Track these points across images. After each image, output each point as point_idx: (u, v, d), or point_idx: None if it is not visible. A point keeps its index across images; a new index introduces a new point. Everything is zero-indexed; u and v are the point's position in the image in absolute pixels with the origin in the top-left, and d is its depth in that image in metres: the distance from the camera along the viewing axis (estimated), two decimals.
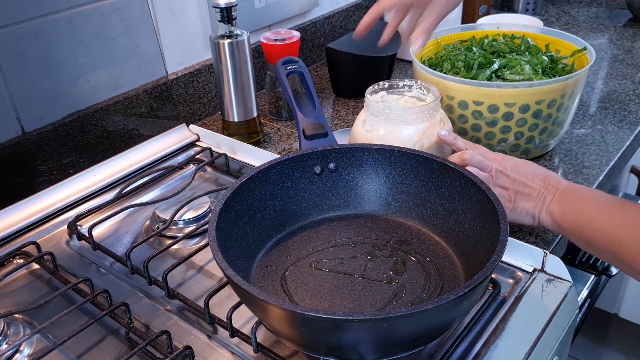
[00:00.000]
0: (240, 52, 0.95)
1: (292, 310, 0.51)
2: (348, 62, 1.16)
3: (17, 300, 0.71)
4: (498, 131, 0.88)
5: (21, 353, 0.63)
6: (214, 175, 0.95)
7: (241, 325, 0.65)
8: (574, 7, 1.68)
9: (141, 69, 0.97)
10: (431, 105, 0.80)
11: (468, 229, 0.68)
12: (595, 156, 0.95)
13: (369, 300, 0.63)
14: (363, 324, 0.49)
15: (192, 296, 0.69)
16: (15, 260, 0.77)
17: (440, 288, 0.65)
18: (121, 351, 0.63)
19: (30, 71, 0.83)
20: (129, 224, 0.84)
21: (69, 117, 0.89)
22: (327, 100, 1.21)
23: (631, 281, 1.49)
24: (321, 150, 0.74)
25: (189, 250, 0.75)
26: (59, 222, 0.84)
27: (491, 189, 0.65)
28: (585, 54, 0.94)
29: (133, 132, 0.98)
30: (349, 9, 1.43)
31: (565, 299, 0.67)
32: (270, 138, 1.06)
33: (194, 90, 1.11)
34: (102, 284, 0.72)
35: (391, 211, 0.76)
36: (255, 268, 0.69)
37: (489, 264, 0.54)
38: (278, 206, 0.73)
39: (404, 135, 0.79)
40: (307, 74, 0.89)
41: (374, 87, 0.86)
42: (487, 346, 0.61)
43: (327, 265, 0.69)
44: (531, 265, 0.71)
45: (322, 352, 0.56)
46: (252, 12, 1.17)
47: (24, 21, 0.81)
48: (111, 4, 0.90)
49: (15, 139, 0.83)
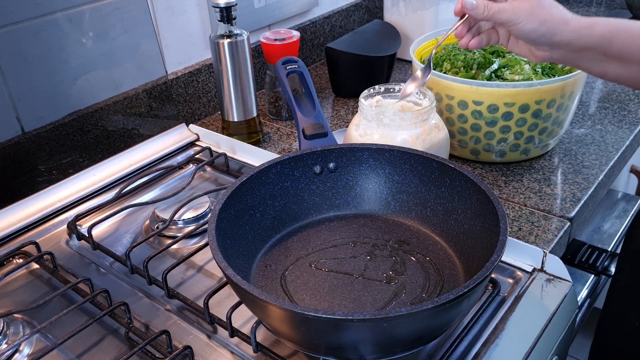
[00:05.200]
0: (240, 52, 0.95)
1: (291, 310, 0.51)
2: (348, 62, 1.16)
3: (17, 300, 0.71)
4: (498, 131, 0.88)
5: (21, 353, 0.63)
6: (213, 174, 0.95)
7: (241, 325, 0.65)
8: (574, 7, 1.68)
9: (141, 69, 0.97)
10: (426, 110, 0.80)
11: (468, 228, 0.68)
12: (594, 156, 0.96)
13: (368, 300, 0.63)
14: (363, 323, 0.49)
15: (191, 296, 0.69)
16: (15, 260, 0.77)
17: (440, 288, 0.65)
18: (121, 351, 0.63)
19: (30, 71, 0.83)
20: (129, 223, 0.84)
21: (69, 116, 0.89)
22: (326, 100, 1.21)
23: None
24: (321, 150, 0.74)
25: (189, 250, 0.75)
26: (59, 222, 0.84)
27: (491, 190, 0.65)
28: None
29: (133, 131, 0.98)
30: (348, 9, 1.43)
31: (565, 298, 0.67)
32: (270, 138, 1.06)
33: (194, 90, 1.11)
34: (101, 283, 0.72)
35: (391, 211, 0.76)
36: (255, 268, 0.69)
37: (488, 263, 0.54)
38: (278, 206, 0.73)
39: (397, 140, 0.79)
40: (306, 73, 0.89)
41: (369, 91, 0.85)
42: (487, 346, 0.61)
43: (326, 265, 0.69)
44: (531, 265, 0.71)
45: (322, 352, 0.56)
46: (252, 11, 1.17)
47: (23, 21, 0.81)
48: (111, 4, 0.90)
49: (15, 138, 0.83)
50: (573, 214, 0.82)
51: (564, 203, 0.84)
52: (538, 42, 0.69)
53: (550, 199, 0.85)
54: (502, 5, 0.69)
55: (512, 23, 0.68)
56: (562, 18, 0.67)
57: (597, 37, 0.66)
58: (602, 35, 0.65)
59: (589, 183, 0.89)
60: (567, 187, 0.88)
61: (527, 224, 0.81)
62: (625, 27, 0.65)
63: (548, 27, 0.67)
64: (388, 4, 1.32)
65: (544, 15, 0.67)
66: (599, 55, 0.66)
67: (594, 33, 0.66)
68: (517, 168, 0.93)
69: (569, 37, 0.67)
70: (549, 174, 0.91)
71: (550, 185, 0.89)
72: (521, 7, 0.68)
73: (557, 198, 0.86)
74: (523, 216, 0.82)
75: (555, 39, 0.67)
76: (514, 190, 0.88)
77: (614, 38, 0.64)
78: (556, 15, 0.67)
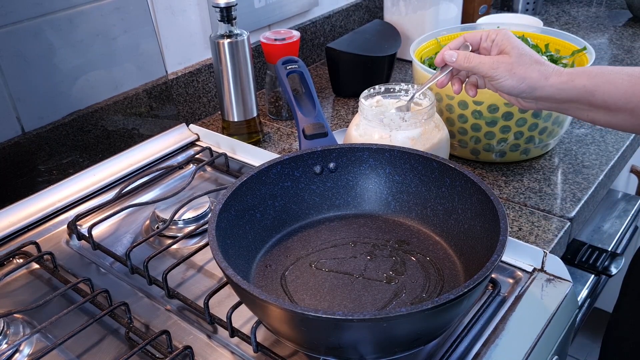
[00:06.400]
0: (240, 52, 0.95)
1: (291, 310, 0.51)
2: (348, 62, 1.16)
3: (17, 300, 0.71)
4: (498, 131, 0.88)
5: (21, 353, 0.63)
6: (213, 174, 0.95)
7: (241, 325, 0.65)
8: (574, 7, 1.68)
9: (141, 69, 0.97)
10: (426, 110, 0.80)
11: (468, 228, 0.68)
12: (595, 156, 0.96)
13: (368, 300, 0.63)
14: (363, 323, 0.49)
15: (192, 296, 0.69)
16: (15, 260, 0.77)
17: (440, 288, 0.65)
18: (121, 351, 0.63)
19: (30, 71, 0.83)
20: (129, 223, 0.84)
21: (69, 116, 0.89)
22: (327, 100, 1.21)
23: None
24: (321, 149, 0.74)
25: (189, 250, 0.75)
26: (59, 222, 0.84)
27: (491, 190, 0.65)
28: (585, 54, 0.94)
29: (133, 131, 0.98)
30: (348, 9, 1.43)
31: (565, 298, 0.67)
32: (270, 138, 1.06)
33: (194, 90, 1.11)
34: (102, 283, 0.72)
35: (391, 211, 0.76)
36: (255, 268, 0.69)
37: (488, 263, 0.54)
38: (278, 206, 0.73)
39: (397, 140, 0.79)
40: (307, 73, 0.89)
41: (369, 91, 0.85)
42: (487, 346, 0.61)
43: (327, 265, 0.69)
44: (531, 265, 0.71)
45: (322, 351, 0.56)
46: (252, 11, 1.17)
47: (23, 21, 0.81)
48: (111, 4, 0.90)
49: (15, 138, 0.83)
50: (573, 214, 0.82)
51: (564, 203, 0.84)
52: (520, 97, 0.70)
53: (550, 199, 0.85)
54: (484, 58, 0.70)
55: (491, 79, 0.69)
56: (541, 74, 0.67)
57: (579, 89, 0.66)
58: (583, 88, 0.65)
59: (589, 183, 0.89)
60: (567, 187, 0.88)
61: (527, 224, 0.81)
62: (606, 78, 0.65)
63: (528, 83, 0.67)
64: (388, 4, 1.32)
65: (522, 72, 0.67)
66: (585, 106, 0.67)
67: (575, 86, 0.66)
68: (517, 168, 0.93)
69: (550, 92, 0.67)
70: (549, 174, 0.91)
71: (551, 185, 0.89)
72: (501, 62, 0.68)
73: (557, 198, 0.86)
74: (523, 216, 0.82)
75: (537, 93, 0.68)
76: (514, 190, 0.88)
77: (595, 90, 0.65)
78: (536, 72, 0.67)
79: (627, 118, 0.65)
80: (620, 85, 0.64)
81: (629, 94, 0.63)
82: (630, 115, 0.64)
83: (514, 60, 0.68)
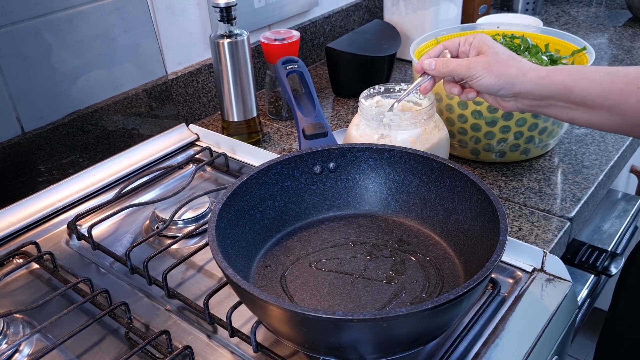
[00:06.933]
0: (240, 52, 0.95)
1: (291, 310, 0.51)
2: (348, 62, 1.16)
3: (17, 300, 0.71)
4: (498, 131, 0.88)
5: (21, 353, 0.63)
6: (213, 174, 0.95)
7: (241, 325, 0.65)
8: (574, 7, 1.68)
9: (141, 69, 0.97)
10: (426, 110, 0.80)
11: (468, 228, 0.68)
12: (595, 156, 0.96)
13: (368, 300, 0.63)
14: (363, 323, 0.49)
15: (191, 296, 0.69)
16: (15, 260, 0.77)
17: (440, 288, 0.65)
18: (121, 351, 0.63)
19: (30, 71, 0.83)
20: (129, 223, 0.84)
21: (69, 116, 0.89)
22: (326, 100, 1.21)
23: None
24: (321, 150, 0.74)
25: (189, 250, 0.75)
26: (59, 222, 0.84)
27: (491, 190, 0.65)
28: (585, 54, 0.94)
29: (133, 131, 0.98)
30: (348, 9, 1.43)
31: (565, 298, 0.67)
32: (270, 138, 1.06)
33: (194, 90, 1.11)
34: (101, 283, 0.72)
35: (391, 211, 0.76)
36: (255, 268, 0.69)
37: (488, 263, 0.54)
38: (278, 206, 0.73)
39: (397, 140, 0.79)
40: (306, 73, 0.89)
41: (369, 91, 0.85)
42: (487, 346, 0.61)
43: (326, 265, 0.69)
44: (531, 265, 0.71)
45: (322, 351, 0.56)
46: (252, 11, 1.17)
47: (23, 21, 0.81)
48: (111, 4, 0.90)
49: (15, 138, 0.83)
50: (573, 214, 0.82)
51: (564, 203, 0.84)
52: (499, 94, 0.70)
53: (550, 199, 0.85)
54: (461, 61, 0.71)
55: (470, 78, 0.70)
56: (519, 70, 0.68)
57: (557, 84, 0.66)
58: (562, 83, 0.66)
59: (589, 183, 0.89)
60: (567, 187, 0.88)
61: (527, 223, 0.81)
62: (585, 75, 0.65)
63: (506, 79, 0.68)
64: (388, 4, 1.32)
65: (499, 69, 0.68)
66: (563, 103, 0.67)
67: (553, 81, 0.66)
68: (517, 168, 0.93)
69: (529, 87, 0.67)
70: (549, 174, 0.92)
71: (550, 185, 0.89)
72: (478, 62, 0.69)
73: (557, 198, 0.86)
74: (523, 216, 0.82)
75: (515, 89, 0.68)
76: (514, 190, 0.88)
77: (574, 85, 0.65)
78: (513, 68, 0.68)
79: (606, 116, 0.65)
80: (598, 81, 0.64)
81: (607, 90, 0.64)
82: (609, 113, 0.64)
83: (490, 59, 0.69)
